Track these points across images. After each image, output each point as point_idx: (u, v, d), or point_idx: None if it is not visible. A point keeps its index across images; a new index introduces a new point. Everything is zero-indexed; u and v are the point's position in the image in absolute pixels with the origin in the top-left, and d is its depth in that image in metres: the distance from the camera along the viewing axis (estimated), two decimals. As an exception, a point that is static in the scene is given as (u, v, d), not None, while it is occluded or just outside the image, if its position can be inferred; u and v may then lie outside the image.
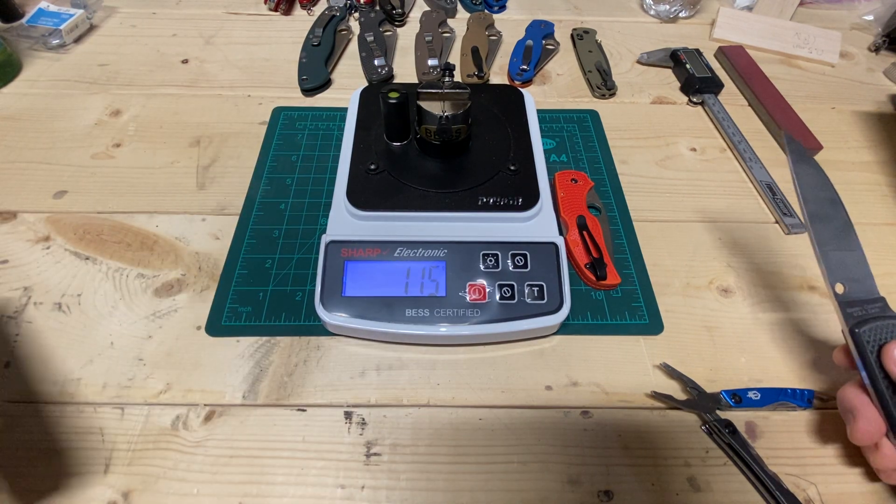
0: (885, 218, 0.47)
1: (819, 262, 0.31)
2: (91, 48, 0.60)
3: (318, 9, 0.67)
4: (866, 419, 0.29)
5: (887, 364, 0.28)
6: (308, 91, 0.56)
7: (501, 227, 0.40)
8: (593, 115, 0.54)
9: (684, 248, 0.44)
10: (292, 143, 0.50)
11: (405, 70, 0.60)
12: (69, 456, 0.32)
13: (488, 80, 0.58)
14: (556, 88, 0.58)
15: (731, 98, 0.58)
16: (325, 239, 0.38)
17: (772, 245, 0.44)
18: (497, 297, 0.37)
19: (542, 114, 0.53)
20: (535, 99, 0.50)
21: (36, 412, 0.34)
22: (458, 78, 0.48)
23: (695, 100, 0.57)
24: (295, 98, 0.55)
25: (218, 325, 0.38)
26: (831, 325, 0.39)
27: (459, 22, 0.66)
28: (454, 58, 0.61)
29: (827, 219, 0.32)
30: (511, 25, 0.65)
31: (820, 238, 0.31)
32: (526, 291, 0.37)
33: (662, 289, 0.41)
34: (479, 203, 0.40)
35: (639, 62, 0.62)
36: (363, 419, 0.34)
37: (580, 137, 0.52)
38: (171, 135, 0.51)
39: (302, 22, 0.65)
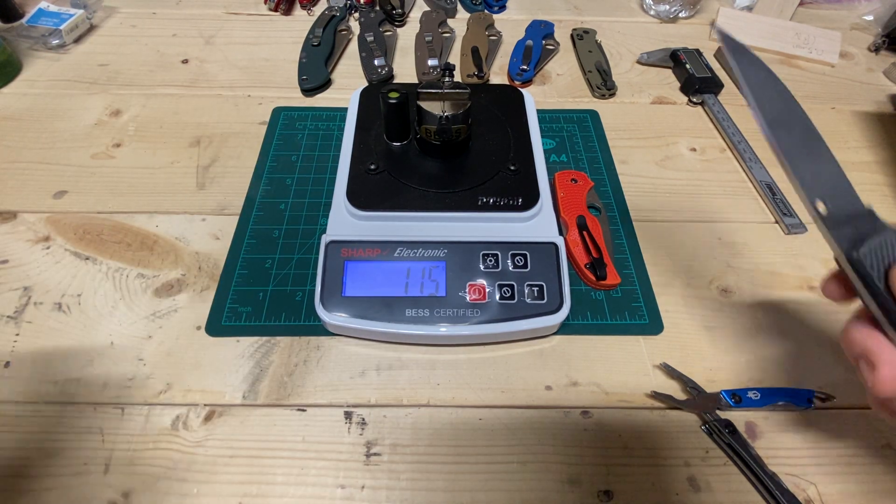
0: (886, 218, 0.47)
1: (791, 177, 0.26)
2: (91, 48, 0.60)
3: (318, 9, 0.67)
4: (889, 363, 0.23)
5: None
6: (308, 91, 0.56)
7: (501, 227, 0.40)
8: (593, 115, 0.54)
9: (684, 248, 0.44)
10: (292, 143, 0.50)
11: (405, 70, 0.60)
12: (69, 456, 0.32)
13: (488, 80, 0.58)
14: (556, 88, 0.58)
15: (731, 98, 0.58)
16: (325, 239, 0.38)
17: (772, 245, 0.44)
18: (497, 297, 0.37)
19: (542, 114, 0.53)
20: (535, 99, 0.50)
21: (36, 412, 0.34)
22: (458, 78, 0.48)
23: (695, 100, 0.57)
24: (295, 98, 0.55)
25: (218, 325, 0.38)
26: (831, 325, 0.39)
27: (459, 22, 0.66)
28: (454, 58, 0.61)
29: (788, 126, 0.26)
30: (511, 25, 0.65)
31: (787, 149, 0.26)
32: (526, 291, 0.37)
33: (662, 289, 0.41)
34: (479, 203, 0.40)
35: (639, 62, 0.62)
36: (363, 419, 0.34)
37: (580, 137, 0.52)
38: (171, 135, 0.51)
39: (302, 22, 0.65)
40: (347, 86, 0.57)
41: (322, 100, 0.56)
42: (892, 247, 0.24)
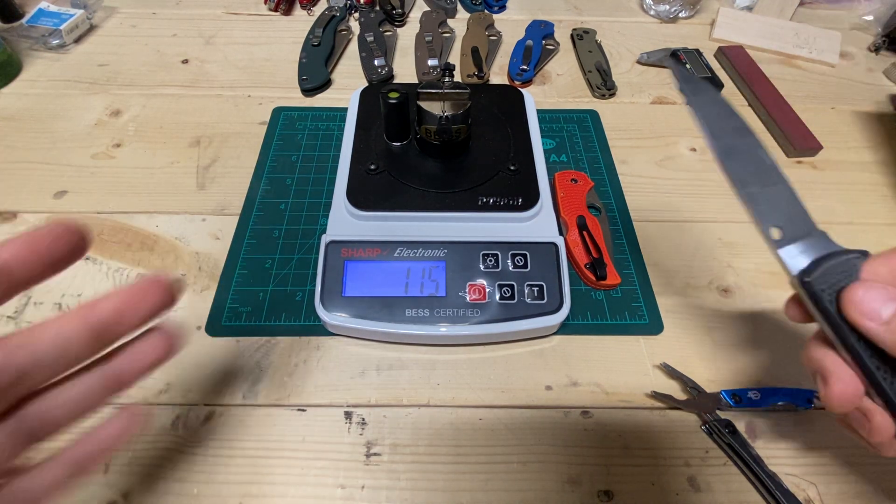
0: (885, 218, 0.47)
1: (745, 206, 0.27)
2: (91, 48, 0.60)
3: (318, 9, 0.67)
4: (841, 381, 0.24)
5: (850, 313, 0.23)
6: (308, 91, 0.56)
7: (501, 227, 0.40)
8: (593, 115, 0.54)
9: (684, 248, 0.44)
10: (292, 143, 0.50)
11: (405, 70, 0.60)
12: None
13: (488, 80, 0.58)
14: (556, 88, 0.58)
15: (731, 98, 0.58)
16: (325, 239, 0.38)
17: (772, 245, 0.44)
18: (497, 297, 0.37)
19: (542, 114, 0.53)
20: (535, 99, 0.50)
21: (36, 412, 0.34)
22: (458, 78, 0.48)
23: (695, 100, 0.56)
24: (295, 98, 0.55)
25: (218, 325, 0.38)
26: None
27: (459, 22, 0.65)
28: (454, 58, 0.61)
29: (740, 153, 0.27)
30: (511, 25, 0.65)
31: (740, 178, 0.27)
32: (526, 291, 0.37)
33: (662, 289, 0.41)
34: (479, 203, 0.40)
35: (639, 62, 0.62)
36: (363, 419, 0.34)
37: (580, 137, 0.52)
38: (171, 135, 0.51)
39: (302, 22, 0.65)
40: (347, 86, 0.57)
41: (322, 100, 0.56)
42: (843, 271, 0.24)
